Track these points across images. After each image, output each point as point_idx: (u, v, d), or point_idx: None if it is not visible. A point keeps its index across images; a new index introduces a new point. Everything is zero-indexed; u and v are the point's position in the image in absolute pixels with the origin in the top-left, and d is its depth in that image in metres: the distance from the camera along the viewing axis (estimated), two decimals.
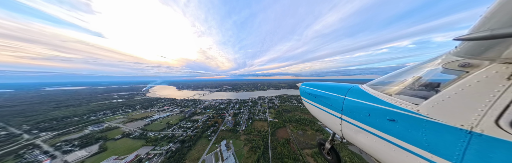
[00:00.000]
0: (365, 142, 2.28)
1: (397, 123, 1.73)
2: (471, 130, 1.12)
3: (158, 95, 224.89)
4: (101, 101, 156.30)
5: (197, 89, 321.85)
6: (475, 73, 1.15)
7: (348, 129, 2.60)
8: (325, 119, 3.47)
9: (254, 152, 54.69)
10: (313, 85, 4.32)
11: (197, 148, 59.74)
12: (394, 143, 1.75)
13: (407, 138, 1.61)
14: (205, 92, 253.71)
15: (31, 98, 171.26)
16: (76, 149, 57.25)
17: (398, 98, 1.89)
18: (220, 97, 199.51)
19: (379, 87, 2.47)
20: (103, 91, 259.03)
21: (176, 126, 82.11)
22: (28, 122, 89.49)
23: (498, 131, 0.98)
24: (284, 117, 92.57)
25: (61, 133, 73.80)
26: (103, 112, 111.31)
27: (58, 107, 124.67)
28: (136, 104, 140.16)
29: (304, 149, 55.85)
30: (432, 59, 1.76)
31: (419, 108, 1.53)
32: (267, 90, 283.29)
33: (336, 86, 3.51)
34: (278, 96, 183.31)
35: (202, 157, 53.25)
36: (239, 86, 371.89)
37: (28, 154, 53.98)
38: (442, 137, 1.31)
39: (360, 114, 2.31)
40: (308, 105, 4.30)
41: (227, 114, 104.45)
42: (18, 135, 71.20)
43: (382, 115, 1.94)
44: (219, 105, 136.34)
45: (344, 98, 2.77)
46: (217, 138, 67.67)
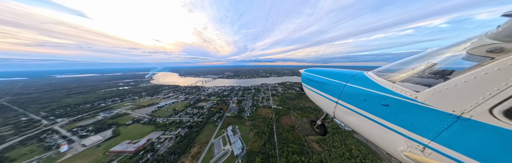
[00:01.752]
0: (353, 121, 2.57)
1: (390, 107, 1.90)
2: (460, 115, 1.26)
3: (161, 82, 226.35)
4: (108, 88, 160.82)
5: (199, 76, 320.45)
6: (501, 59, 1.12)
7: (341, 111, 2.84)
8: (321, 102, 3.67)
9: (260, 137, 56.25)
10: (316, 71, 4.26)
11: (205, 132, 62.02)
12: (379, 122, 2.01)
13: (393, 119, 1.83)
14: (207, 79, 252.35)
15: (43, 86, 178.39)
16: (91, 134, 60.82)
17: (401, 85, 1.95)
18: (222, 83, 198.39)
19: (385, 73, 2.47)
20: (109, 78, 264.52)
21: (183, 112, 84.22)
22: (44, 108, 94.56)
23: (488, 117, 1.09)
24: (288, 104, 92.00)
25: (76, 119, 77.72)
26: (111, 99, 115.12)
27: (69, 94, 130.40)
28: (142, 91, 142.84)
29: (309, 136, 56.71)
30: (458, 44, 1.66)
31: (419, 95, 1.63)
32: (269, 77, 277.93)
33: (340, 72, 3.48)
34: (281, 83, 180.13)
35: (210, 141, 55.64)
36: (241, 73, 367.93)
37: (49, 138, 57.99)
38: (427, 120, 1.50)
39: (357, 99, 2.45)
40: (307, 91, 4.36)
41: (231, 100, 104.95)
42: (37, 121, 75.83)
43: (378, 100, 2.09)
44: (222, 92, 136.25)
45: (345, 84, 2.86)
46: (223, 123, 69.45)
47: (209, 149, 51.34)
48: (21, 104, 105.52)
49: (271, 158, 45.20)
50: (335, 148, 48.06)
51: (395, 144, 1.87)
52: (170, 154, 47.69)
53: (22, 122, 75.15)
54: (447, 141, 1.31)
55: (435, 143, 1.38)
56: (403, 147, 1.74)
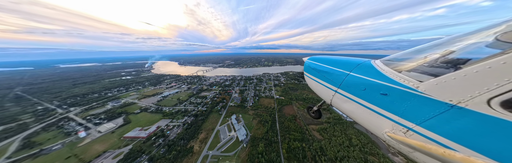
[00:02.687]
0: (347, 108, 2.70)
1: (387, 96, 1.95)
2: (456, 104, 1.28)
3: (162, 71, 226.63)
4: (111, 78, 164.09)
5: (199, 65, 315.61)
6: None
7: (338, 99, 2.93)
8: (320, 91, 3.73)
9: (263, 125, 58.78)
10: (321, 59, 4.19)
11: (210, 120, 65.10)
12: (373, 109, 2.11)
13: (387, 107, 1.92)
14: (207, 68, 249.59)
15: (50, 76, 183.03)
16: (104, 122, 64.95)
17: (407, 75, 1.93)
18: (223, 73, 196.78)
19: (393, 62, 2.43)
20: (111, 67, 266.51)
21: (187, 101, 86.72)
22: (56, 98, 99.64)
23: (483, 107, 1.12)
24: (290, 95, 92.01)
25: (87, 108, 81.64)
26: (117, 88, 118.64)
27: (76, 84, 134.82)
28: (145, 81, 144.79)
29: (310, 125, 58.61)
30: (488, 27, 1.52)
31: (421, 84, 1.64)
32: (272, 66, 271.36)
33: (346, 60, 3.43)
34: (284, 73, 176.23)
35: (216, 128, 58.94)
36: (242, 61, 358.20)
37: (67, 125, 62.62)
38: (420, 108, 1.55)
39: (356, 88, 2.49)
40: (308, 80, 4.35)
41: (233, 90, 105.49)
42: (52, 110, 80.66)
43: (377, 89, 2.12)
44: (224, 81, 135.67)
45: (348, 73, 2.85)
46: (227, 112, 71.89)
47: (216, 135, 54.93)
48: (34, 93, 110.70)
49: (273, 144, 48.39)
50: (335, 136, 50.39)
51: (381, 127, 1.99)
52: (180, 140, 51.49)
53: (39, 110, 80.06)
54: (431, 125, 1.42)
55: (419, 127, 1.52)
56: (388, 129, 1.89)
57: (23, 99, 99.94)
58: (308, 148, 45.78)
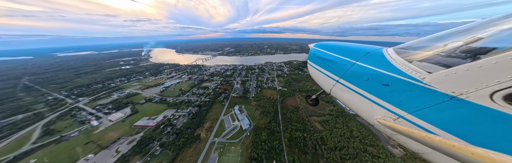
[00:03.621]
0: (345, 98, 2.75)
1: (389, 87, 1.94)
2: (457, 96, 1.27)
3: (160, 60, 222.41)
4: (111, 67, 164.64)
5: (197, 52, 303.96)
6: None
7: (338, 89, 2.96)
8: (321, 80, 3.71)
9: (265, 116, 60.40)
10: (328, 46, 3.96)
11: (214, 111, 67.13)
12: (370, 99, 2.14)
13: (385, 97, 1.93)
14: (206, 56, 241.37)
15: (51, 65, 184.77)
16: (113, 111, 67.88)
17: (417, 65, 1.85)
18: (223, 62, 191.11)
19: (407, 51, 2.30)
20: (108, 56, 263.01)
21: (189, 92, 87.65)
22: (63, 88, 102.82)
23: (485, 100, 1.11)
24: (293, 86, 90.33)
25: (94, 98, 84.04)
26: (119, 79, 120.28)
27: (78, 74, 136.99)
28: (144, 71, 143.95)
29: (312, 116, 59.67)
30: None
31: (428, 76, 1.58)
32: (275, 54, 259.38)
33: (356, 48, 3.24)
34: (287, 62, 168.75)
35: (220, 118, 61.42)
36: (243, 48, 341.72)
37: (79, 115, 66.17)
38: (418, 98, 1.55)
39: (359, 78, 2.46)
40: (311, 69, 4.27)
41: (235, 81, 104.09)
42: (62, 100, 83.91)
43: (380, 80, 2.09)
44: (224, 71, 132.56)
45: (354, 63, 2.78)
46: (230, 103, 73.02)
47: (220, 124, 57.73)
48: (41, 83, 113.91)
49: (276, 133, 51.00)
50: (337, 128, 52.01)
51: (374, 114, 2.06)
52: (187, 128, 54.51)
53: (50, 100, 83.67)
54: (423, 114, 1.47)
55: (411, 116, 1.57)
56: (380, 116, 1.95)
57: (33, 89, 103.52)
58: (309, 138, 48.25)
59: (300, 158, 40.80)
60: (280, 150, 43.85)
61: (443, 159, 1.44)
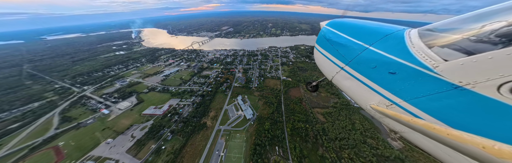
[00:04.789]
0: (346, 85, 2.71)
1: (394, 75, 1.85)
2: (462, 86, 1.23)
3: (153, 43, 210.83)
4: (105, 53, 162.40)
5: (191, 33, 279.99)
6: None
7: (341, 76, 2.89)
8: (325, 67, 3.61)
9: (268, 106, 61.48)
10: (343, 24, 3.56)
11: (217, 100, 68.48)
12: (370, 86, 2.10)
13: (387, 85, 1.88)
14: (203, 39, 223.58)
15: (45, 51, 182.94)
16: (119, 100, 70.28)
17: (436, 51, 1.65)
18: (222, 46, 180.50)
19: (432, 34, 2.01)
20: (97, 39, 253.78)
21: (190, 81, 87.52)
22: (65, 76, 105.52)
23: (491, 91, 1.08)
24: (298, 76, 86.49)
25: (98, 87, 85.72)
26: (116, 66, 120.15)
27: (75, 61, 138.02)
28: (140, 57, 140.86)
29: (315, 108, 59.96)
30: None
31: (442, 64, 1.48)
32: (280, 36, 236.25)
33: (374, 28, 2.85)
34: (293, 47, 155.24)
35: (223, 107, 63.21)
36: (243, 27, 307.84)
37: (89, 103, 69.82)
38: (421, 87, 1.50)
39: (366, 66, 2.35)
40: (317, 54, 4.01)
41: (236, 69, 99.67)
42: (69, 88, 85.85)
43: (388, 68, 1.99)
44: (224, 57, 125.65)
45: (366, 48, 2.53)
46: (232, 93, 73.24)
47: (224, 114, 60.37)
48: (43, 71, 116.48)
49: (278, 123, 53.52)
50: (339, 120, 53.42)
51: (369, 100, 2.07)
52: (193, 117, 57.40)
53: (58, 89, 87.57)
54: (418, 102, 1.45)
55: (405, 103, 1.57)
56: (374, 102, 1.97)
57: (38, 77, 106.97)
58: (311, 128, 50.84)
59: (301, 145, 44.67)
60: (282, 138, 47.59)
61: (419, 138, 1.54)
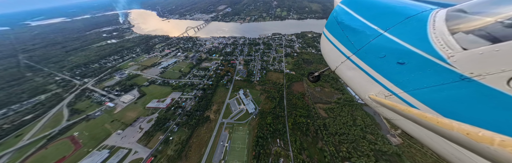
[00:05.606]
0: (349, 75, 2.59)
1: (403, 65, 1.70)
2: (472, 77, 1.17)
3: (145, 29, 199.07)
4: (97, 42, 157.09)
5: (184, 16, 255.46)
6: None
7: (345, 66, 2.73)
8: (330, 55, 3.39)
9: (271, 101, 61.71)
10: (363, 1, 2.98)
11: (219, 94, 68.64)
12: (373, 77, 2.00)
13: (390, 76, 1.78)
14: (198, 23, 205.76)
15: (34, 39, 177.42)
16: (122, 93, 70.94)
17: (458, 38, 1.44)
18: (220, 32, 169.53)
19: (463, 16, 1.65)
20: (84, 25, 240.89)
21: (190, 74, 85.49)
22: (63, 68, 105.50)
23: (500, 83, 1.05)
24: (303, 69, 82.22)
25: (98, 79, 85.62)
26: (112, 57, 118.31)
27: (68, 51, 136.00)
28: (134, 46, 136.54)
29: (318, 103, 59.55)
30: None
31: (460, 54, 1.32)
32: (286, 19, 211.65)
33: (399, 8, 2.34)
34: (300, 35, 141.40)
35: (225, 101, 63.90)
36: (243, 7, 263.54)
37: (93, 96, 71.95)
38: (427, 78, 1.42)
39: (375, 55, 2.14)
40: (323, 41, 3.65)
41: (237, 61, 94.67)
42: (70, 81, 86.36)
43: (398, 57, 1.81)
44: (223, 47, 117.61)
45: (380, 33, 2.18)
46: (234, 87, 72.22)
47: (227, 107, 61.49)
48: (39, 62, 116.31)
49: (280, 118, 54.73)
50: (341, 116, 53.77)
51: (369, 91, 2.01)
52: (196, 111, 58.83)
53: (59, 81, 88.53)
54: (419, 94, 1.41)
55: (405, 94, 1.52)
56: (374, 93, 1.92)
57: (36, 69, 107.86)
58: (312, 123, 52.18)
59: (301, 139, 47.16)
60: (284, 132, 50.00)
61: (409, 125, 1.55)
